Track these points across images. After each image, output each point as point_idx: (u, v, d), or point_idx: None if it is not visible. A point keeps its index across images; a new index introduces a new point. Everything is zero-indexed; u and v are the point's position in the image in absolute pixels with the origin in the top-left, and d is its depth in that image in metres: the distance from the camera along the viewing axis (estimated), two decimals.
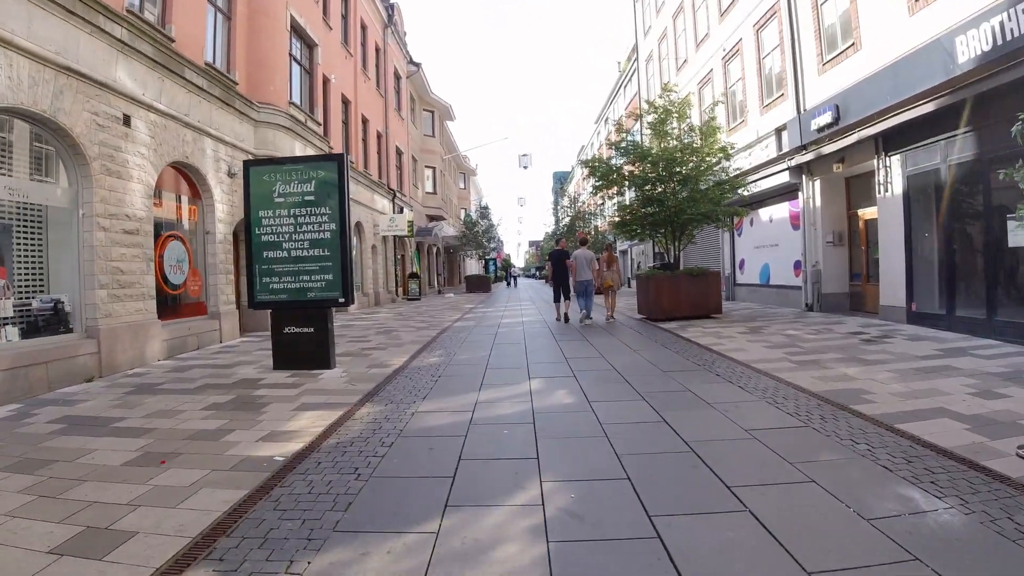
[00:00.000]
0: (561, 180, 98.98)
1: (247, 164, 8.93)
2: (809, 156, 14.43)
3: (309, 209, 8.52)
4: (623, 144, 15.64)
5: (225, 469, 4.46)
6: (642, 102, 20.85)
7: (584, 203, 49.91)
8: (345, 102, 22.23)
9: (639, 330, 12.73)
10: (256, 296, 8.70)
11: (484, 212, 55.86)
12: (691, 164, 14.68)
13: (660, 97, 15.66)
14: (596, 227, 44.96)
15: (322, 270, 8.48)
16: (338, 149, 20.73)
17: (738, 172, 15.85)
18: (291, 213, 8.57)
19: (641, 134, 15.98)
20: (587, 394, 6.59)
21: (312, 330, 8.52)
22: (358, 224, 22.94)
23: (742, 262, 20.13)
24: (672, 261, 15.32)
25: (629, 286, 38.81)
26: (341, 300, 8.46)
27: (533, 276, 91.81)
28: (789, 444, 4.65)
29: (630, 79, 37.28)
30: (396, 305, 25.60)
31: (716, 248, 21.83)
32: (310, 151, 16.15)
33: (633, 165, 15.62)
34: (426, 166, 39.31)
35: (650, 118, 15.39)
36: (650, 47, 31.12)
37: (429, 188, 39.96)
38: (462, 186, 61.23)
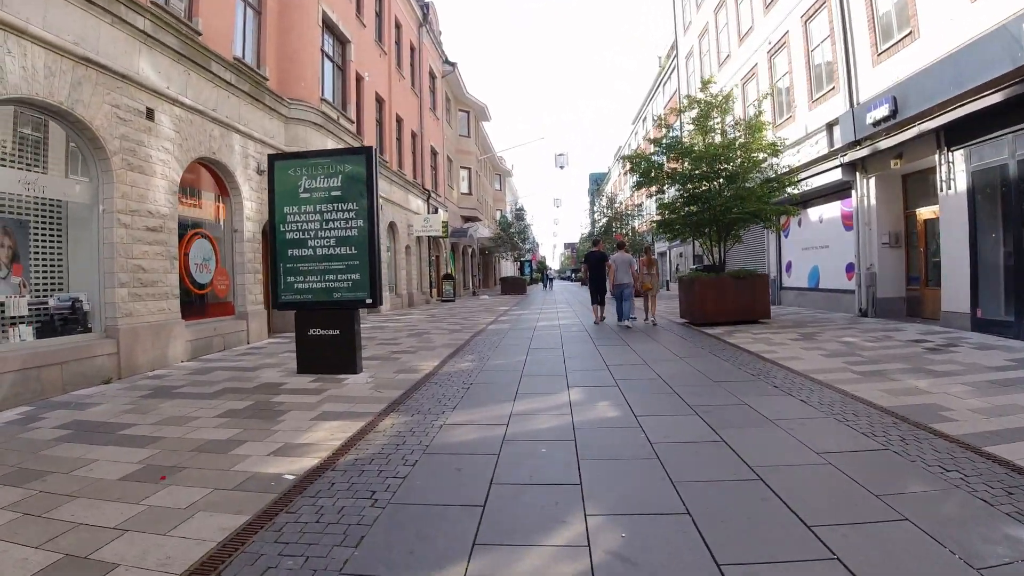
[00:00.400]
0: (597, 181, 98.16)
1: (271, 158, 8.51)
2: (864, 152, 13.61)
3: (336, 205, 8.07)
4: (665, 140, 14.94)
5: (228, 488, 3.98)
6: (682, 98, 20.10)
7: (622, 203, 49.03)
8: (379, 100, 21.89)
9: (683, 335, 12.06)
10: (280, 296, 8.28)
11: (519, 214, 55.35)
12: (738, 160, 13.96)
13: (700, 91, 14.95)
14: (633, 228, 44.11)
15: (349, 269, 8.01)
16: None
17: (788, 169, 15.04)
18: (317, 209, 8.13)
19: (680, 129, 15.25)
20: (633, 407, 5.97)
21: (338, 332, 8.06)
22: (391, 224, 22.60)
23: (788, 264, 19.26)
24: (717, 263, 14.61)
25: (667, 289, 38.00)
26: (368, 301, 7.98)
27: (568, 278, 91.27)
28: (871, 471, 4.02)
29: (669, 76, 36.47)
30: (430, 306, 25.21)
31: (760, 250, 20.98)
32: (341, 145, 15.76)
33: (676, 162, 14.95)
34: (461, 167, 38.95)
35: (692, 113, 14.69)
36: (690, 43, 30.30)
37: (464, 189, 39.59)
38: (497, 187, 60.77)
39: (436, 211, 28.94)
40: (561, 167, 39.78)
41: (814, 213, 17.26)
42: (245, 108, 12.11)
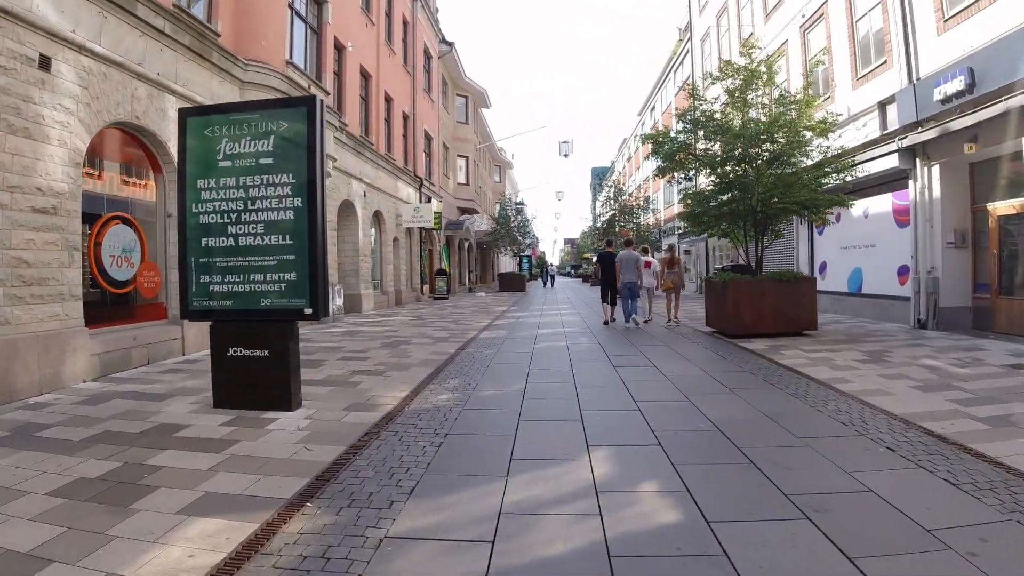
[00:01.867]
0: (600, 175, 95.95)
1: (183, 113, 6.29)
2: (930, 133, 11.39)
3: (265, 177, 5.85)
4: (696, 113, 12.52)
5: None
6: (709, 72, 17.69)
7: (629, 195, 46.41)
8: (365, 75, 19.63)
9: (718, 351, 9.81)
10: (190, 302, 6.06)
11: (519, 208, 52.73)
12: (782, 140, 11.69)
13: (742, 55, 12.62)
14: (638, 223, 41.68)
15: (281, 267, 5.80)
16: (354, 126, 18.13)
17: (840, 151, 12.73)
18: (241, 183, 5.92)
19: (693, 105, 12.78)
20: (697, 498, 3.70)
21: (266, 354, 5.86)
22: (377, 213, 20.38)
23: (823, 265, 16.99)
24: (754, 263, 12.29)
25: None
26: (308, 311, 5.76)
27: (568, 274, 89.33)
28: None
29: (682, 61, 34.14)
30: (420, 305, 22.96)
31: (787, 247, 18.63)
32: None
33: (706, 141, 12.61)
34: (458, 155, 36.66)
35: (729, 83, 12.37)
36: (707, 24, 28.02)
37: (461, 179, 37.33)
38: (497, 179, 58.55)
39: (429, 201, 26.71)
40: (566, 155, 37.38)
41: (858, 207, 14.97)
42: (185, 65, 9.91)
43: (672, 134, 13.05)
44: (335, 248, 16.20)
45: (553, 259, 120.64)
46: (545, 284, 50.11)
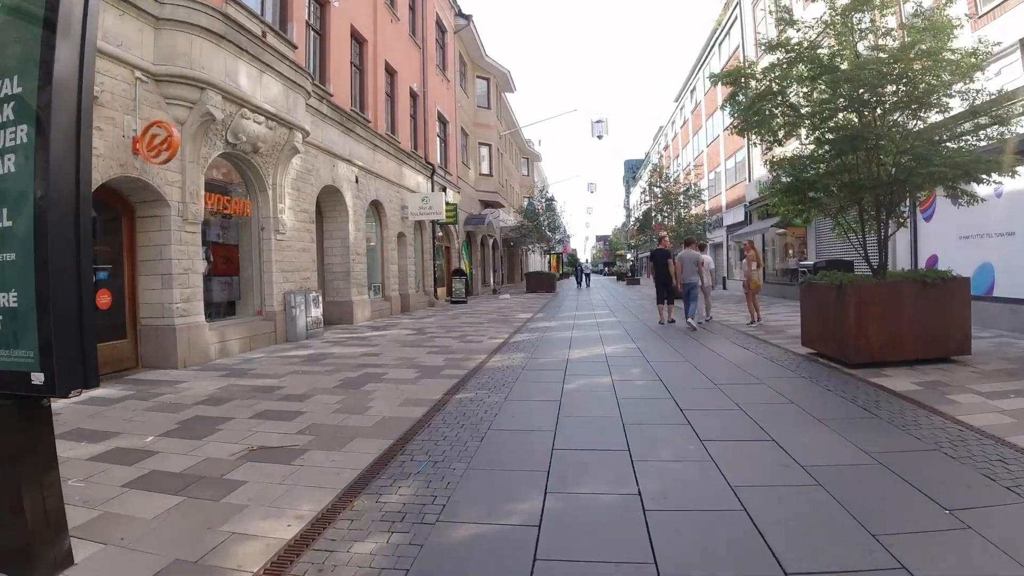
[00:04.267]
0: (633, 168, 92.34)
1: None
2: None
3: None
4: (795, 47, 8.81)
5: None
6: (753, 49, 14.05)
7: (675, 180, 42.12)
8: (358, 39, 16.45)
9: (854, 398, 6.26)
10: None
11: (550, 204, 48.91)
12: (926, 78, 8.14)
13: None
14: (679, 216, 37.76)
15: None
16: (343, 98, 14.99)
17: (995, 95, 9.09)
18: None
19: (786, 37, 9.13)
20: None
21: None
22: (375, 203, 17.21)
23: (932, 260, 13.32)
24: (879, 258, 8.65)
25: (724, 287, 32.10)
26: (38, 380, 2.56)
27: (601, 272, 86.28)
28: None
29: (728, 32, 30.50)
30: (430, 312, 19.64)
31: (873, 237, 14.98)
32: (270, 81, 10.39)
33: (804, 85, 8.91)
34: (480, 143, 33.37)
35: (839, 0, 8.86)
36: None
37: (484, 170, 34.06)
38: (525, 172, 55.16)
39: (444, 190, 23.53)
40: (599, 136, 33.80)
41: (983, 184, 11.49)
42: None
43: (760, 70, 9.35)
44: (312, 246, 12.98)
45: (584, 255, 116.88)
46: (580, 284, 46.07)
